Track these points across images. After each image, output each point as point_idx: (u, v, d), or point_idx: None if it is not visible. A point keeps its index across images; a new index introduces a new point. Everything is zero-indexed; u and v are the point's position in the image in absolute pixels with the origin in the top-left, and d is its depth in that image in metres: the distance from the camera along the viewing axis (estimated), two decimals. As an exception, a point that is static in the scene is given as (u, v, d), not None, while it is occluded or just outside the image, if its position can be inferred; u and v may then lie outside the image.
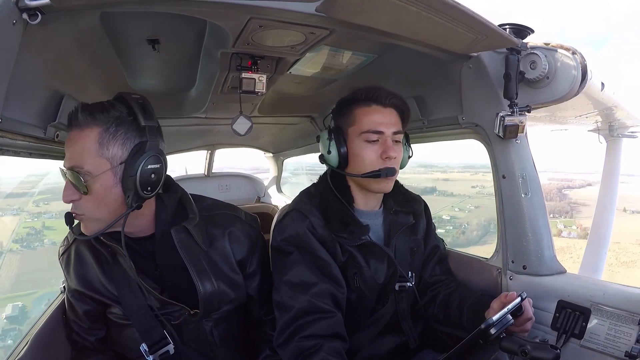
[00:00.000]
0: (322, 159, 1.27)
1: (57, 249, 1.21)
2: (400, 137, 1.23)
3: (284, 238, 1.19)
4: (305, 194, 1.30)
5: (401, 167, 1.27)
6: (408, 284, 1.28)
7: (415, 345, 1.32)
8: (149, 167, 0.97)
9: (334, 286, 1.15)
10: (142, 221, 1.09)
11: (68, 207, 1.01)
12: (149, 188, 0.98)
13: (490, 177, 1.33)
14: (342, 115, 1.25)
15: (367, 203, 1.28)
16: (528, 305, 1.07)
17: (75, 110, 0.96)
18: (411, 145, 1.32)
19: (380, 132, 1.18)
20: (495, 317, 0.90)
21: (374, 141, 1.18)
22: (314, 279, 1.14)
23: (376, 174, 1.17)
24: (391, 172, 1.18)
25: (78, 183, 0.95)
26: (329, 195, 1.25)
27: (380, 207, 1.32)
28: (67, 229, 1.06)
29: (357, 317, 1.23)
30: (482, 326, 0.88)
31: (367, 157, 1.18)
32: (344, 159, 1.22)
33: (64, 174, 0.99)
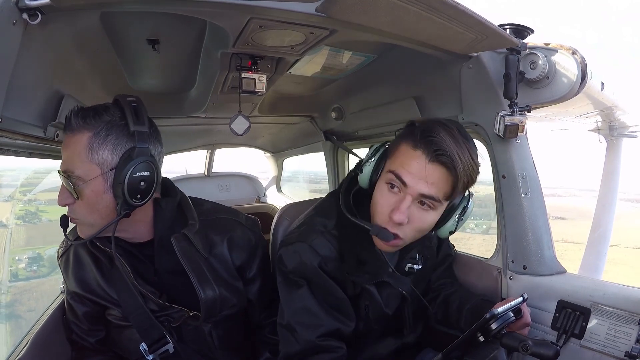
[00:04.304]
0: (358, 169, 1.10)
1: (53, 225, 1.21)
2: (436, 204, 0.97)
3: (293, 269, 1.09)
4: (320, 215, 1.16)
5: (424, 233, 1.04)
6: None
7: (416, 344, 1.32)
8: (138, 174, 0.92)
9: (342, 322, 1.09)
10: (140, 227, 1.07)
11: (54, 194, 1.01)
12: (138, 196, 0.94)
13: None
14: (394, 142, 1.04)
15: None
16: (527, 311, 1.08)
17: (69, 115, 0.94)
18: None
19: (403, 183, 0.95)
20: (499, 310, 0.91)
21: (393, 190, 0.98)
22: (321, 316, 1.07)
23: (366, 229, 1.00)
24: (385, 236, 0.98)
25: (69, 188, 0.93)
26: (347, 221, 1.07)
27: None
28: (61, 211, 1.05)
29: (358, 337, 1.19)
30: (487, 315, 0.89)
31: (378, 204, 1.00)
32: (370, 187, 1.06)
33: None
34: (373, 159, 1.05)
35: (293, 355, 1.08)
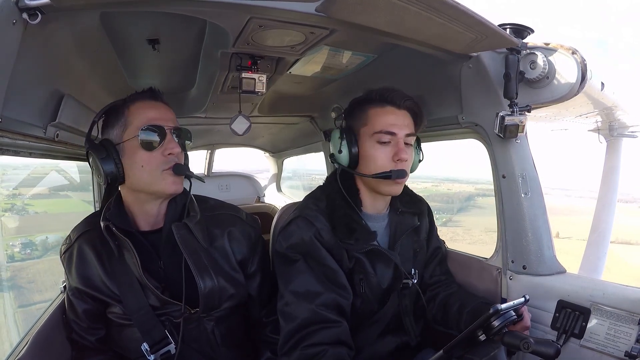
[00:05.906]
0: (333, 158, 1.25)
1: (40, 217, 1.23)
2: (412, 140, 1.21)
3: (290, 245, 1.17)
4: (311, 198, 1.28)
5: (411, 171, 1.27)
6: (411, 281, 1.27)
7: (416, 344, 1.32)
8: None
9: (339, 294, 1.14)
10: (154, 214, 1.14)
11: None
12: None
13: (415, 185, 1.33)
14: (355, 115, 1.24)
15: (375, 206, 1.27)
16: (527, 315, 1.09)
17: (158, 91, 1.14)
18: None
19: (392, 134, 1.16)
20: (503, 306, 0.91)
21: (385, 142, 1.17)
22: (319, 288, 1.12)
23: (387, 175, 1.15)
24: (402, 174, 1.16)
25: (186, 139, 1.14)
26: (336, 198, 1.22)
27: (387, 209, 1.31)
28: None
29: (359, 320, 1.23)
30: (491, 310, 0.90)
31: (378, 158, 1.17)
32: (354, 159, 1.20)
33: (159, 132, 1.08)
34: (342, 140, 1.20)
35: (294, 332, 1.09)
